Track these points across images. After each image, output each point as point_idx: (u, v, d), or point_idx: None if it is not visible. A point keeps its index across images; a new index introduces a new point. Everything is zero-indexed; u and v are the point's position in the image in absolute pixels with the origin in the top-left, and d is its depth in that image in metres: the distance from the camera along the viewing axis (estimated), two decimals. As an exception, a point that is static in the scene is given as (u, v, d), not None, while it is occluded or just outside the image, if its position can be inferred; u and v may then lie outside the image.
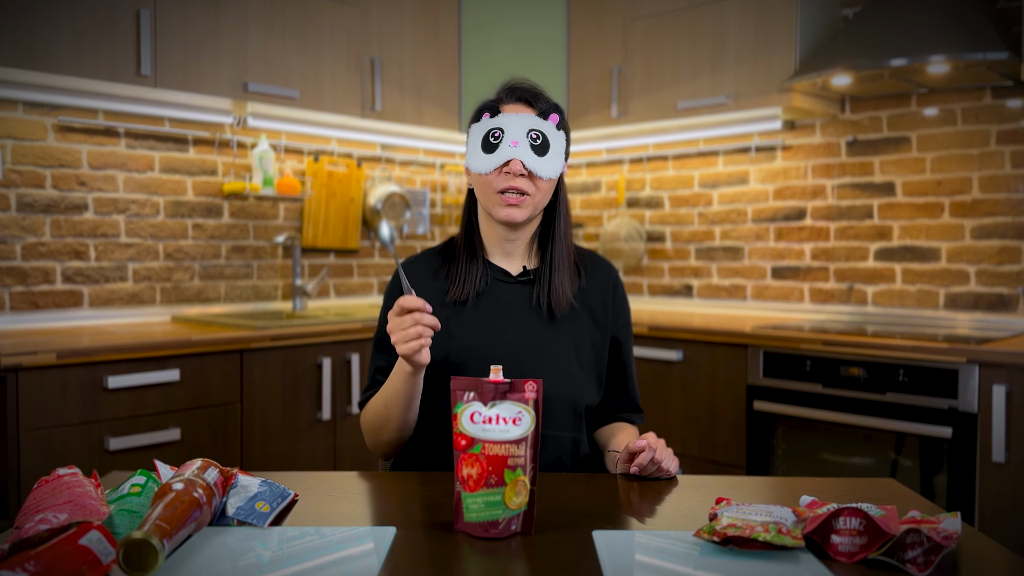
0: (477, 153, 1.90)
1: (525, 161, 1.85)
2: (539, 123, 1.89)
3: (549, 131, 1.89)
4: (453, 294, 1.97)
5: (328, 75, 4.00)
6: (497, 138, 1.87)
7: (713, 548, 1.30)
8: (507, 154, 1.85)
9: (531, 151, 1.86)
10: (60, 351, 2.86)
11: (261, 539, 1.34)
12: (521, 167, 1.85)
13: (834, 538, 1.29)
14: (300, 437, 3.54)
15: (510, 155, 1.85)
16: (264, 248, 4.26)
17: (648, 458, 1.72)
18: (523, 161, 1.85)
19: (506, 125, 1.88)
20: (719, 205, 4.59)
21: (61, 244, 3.57)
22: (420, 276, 2.03)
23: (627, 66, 4.41)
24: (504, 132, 1.87)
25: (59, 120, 3.53)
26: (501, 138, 1.87)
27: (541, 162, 1.86)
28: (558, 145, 1.90)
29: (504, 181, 1.87)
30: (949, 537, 1.23)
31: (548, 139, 1.88)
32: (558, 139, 1.90)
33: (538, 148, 1.87)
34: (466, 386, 1.41)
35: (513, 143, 1.85)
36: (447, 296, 1.97)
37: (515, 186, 1.87)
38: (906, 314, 3.94)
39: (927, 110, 3.87)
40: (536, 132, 1.87)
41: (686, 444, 3.82)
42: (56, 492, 1.30)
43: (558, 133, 1.91)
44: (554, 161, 1.89)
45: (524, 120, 1.88)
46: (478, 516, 1.37)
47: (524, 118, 1.88)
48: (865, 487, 1.71)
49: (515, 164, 1.85)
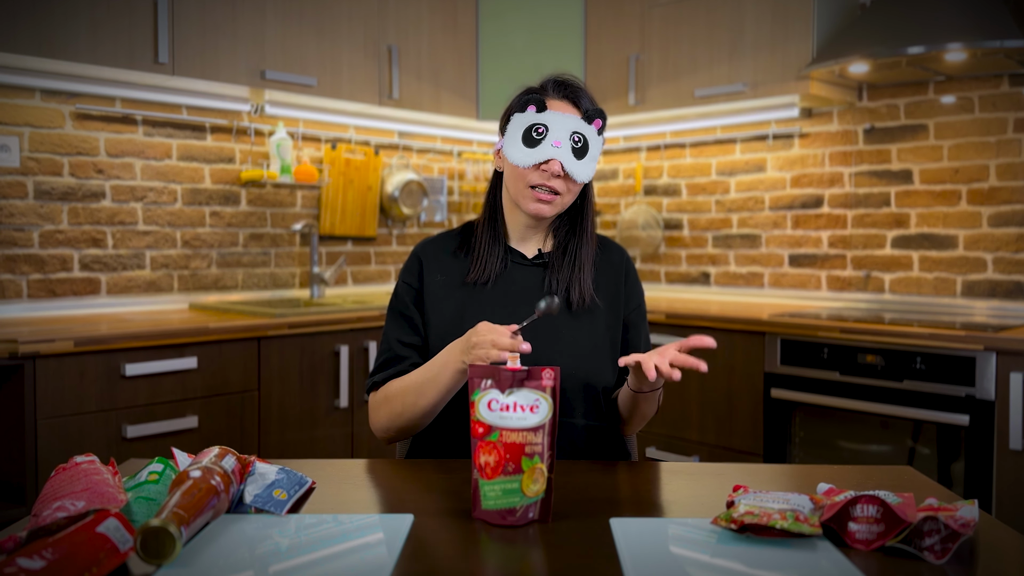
0: (517, 144, 1.90)
1: (564, 163, 1.87)
2: (583, 126, 1.90)
3: (591, 135, 1.91)
4: (474, 275, 1.98)
5: (345, 63, 3.99)
6: (541, 134, 1.88)
7: (730, 535, 1.30)
8: (548, 153, 1.87)
9: (571, 154, 1.88)
10: (77, 339, 2.87)
11: (279, 527, 1.34)
12: (560, 168, 1.87)
13: (851, 526, 1.28)
14: (317, 425, 3.54)
15: (551, 155, 1.87)
16: (281, 236, 4.26)
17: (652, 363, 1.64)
18: (563, 163, 1.87)
19: (551, 123, 1.89)
20: (736, 193, 4.57)
21: (79, 232, 3.58)
22: (439, 254, 2.04)
23: (644, 54, 4.39)
24: (548, 130, 1.88)
25: (76, 108, 3.54)
26: (545, 135, 1.88)
27: (579, 165, 1.89)
28: (595, 150, 1.92)
29: (539, 177, 1.89)
30: (966, 525, 1.23)
31: (589, 143, 1.90)
32: (597, 144, 1.93)
33: (578, 151, 1.89)
34: (483, 373, 1.41)
35: (556, 143, 1.87)
36: (467, 277, 1.98)
37: (550, 185, 1.88)
38: (923, 302, 3.92)
39: (944, 98, 3.84)
40: (579, 135, 1.89)
41: (703, 431, 3.81)
42: (74, 480, 1.30)
43: (598, 138, 1.93)
44: (590, 165, 1.91)
45: (569, 121, 1.89)
46: (495, 504, 1.37)
47: (569, 119, 1.90)
48: (882, 475, 1.71)
49: (555, 164, 1.87)
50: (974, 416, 3.09)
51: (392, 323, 2.04)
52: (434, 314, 1.98)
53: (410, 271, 2.05)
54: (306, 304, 4.06)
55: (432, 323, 1.97)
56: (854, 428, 3.45)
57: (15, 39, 3.03)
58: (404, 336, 2.01)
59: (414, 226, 4.87)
